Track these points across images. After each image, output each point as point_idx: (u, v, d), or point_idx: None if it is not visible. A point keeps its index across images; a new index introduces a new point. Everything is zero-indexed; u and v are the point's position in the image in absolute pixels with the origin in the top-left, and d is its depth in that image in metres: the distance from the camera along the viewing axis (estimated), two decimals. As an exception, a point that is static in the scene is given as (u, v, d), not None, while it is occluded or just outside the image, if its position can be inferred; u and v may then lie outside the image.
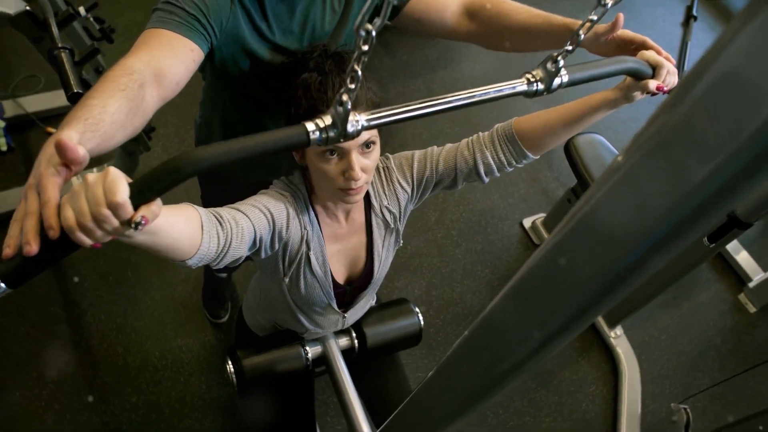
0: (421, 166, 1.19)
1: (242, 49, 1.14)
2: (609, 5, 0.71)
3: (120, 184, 0.60)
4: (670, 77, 0.99)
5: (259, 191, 1.11)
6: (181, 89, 0.99)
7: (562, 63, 0.76)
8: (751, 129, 0.30)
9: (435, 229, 2.71)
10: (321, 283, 1.21)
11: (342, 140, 0.65)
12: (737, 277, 2.87)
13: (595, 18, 0.72)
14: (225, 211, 0.97)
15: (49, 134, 2.53)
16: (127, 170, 2.31)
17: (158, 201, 0.64)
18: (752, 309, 2.77)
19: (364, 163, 1.03)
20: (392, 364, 1.56)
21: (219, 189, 1.33)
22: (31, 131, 2.56)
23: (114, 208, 0.60)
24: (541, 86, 0.79)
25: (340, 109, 0.62)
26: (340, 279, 1.26)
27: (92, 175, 0.62)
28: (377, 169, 1.21)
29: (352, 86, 0.60)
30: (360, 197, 1.08)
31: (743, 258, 2.87)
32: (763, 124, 0.29)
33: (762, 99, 0.29)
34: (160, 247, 0.77)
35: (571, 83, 0.82)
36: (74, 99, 1.52)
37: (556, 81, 0.79)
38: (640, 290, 2.29)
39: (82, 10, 2.05)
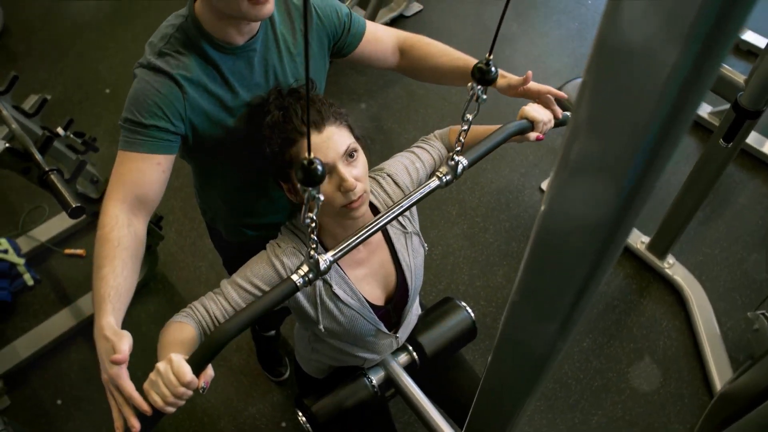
0: (414, 170, 1.27)
1: (212, 123, 1.15)
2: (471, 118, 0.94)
3: (185, 366, 0.84)
4: (546, 126, 1.22)
5: (258, 253, 1.15)
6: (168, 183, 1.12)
7: (456, 158, 1.01)
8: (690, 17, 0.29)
9: (459, 222, 2.69)
10: (360, 311, 1.20)
11: (320, 277, 0.89)
12: (770, 167, 2.79)
13: (466, 128, 0.95)
14: (202, 306, 1.08)
15: (68, 255, 2.60)
16: (149, 264, 2.34)
17: (210, 365, 0.87)
18: (796, 194, 2.68)
19: (354, 173, 1.04)
20: (457, 364, 1.54)
21: (236, 255, 1.35)
22: (51, 258, 2.62)
23: (186, 385, 0.84)
24: (450, 177, 1.02)
25: (311, 260, 0.86)
26: (379, 301, 1.25)
27: (162, 365, 0.85)
28: (378, 181, 1.21)
29: (312, 216, 0.78)
30: (365, 208, 1.08)
31: (770, 147, 2.79)
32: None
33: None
34: None
35: (471, 164, 1.05)
36: (75, 213, 1.55)
37: (459, 168, 1.02)
38: (677, 211, 2.23)
39: (60, 130, 2.11)
